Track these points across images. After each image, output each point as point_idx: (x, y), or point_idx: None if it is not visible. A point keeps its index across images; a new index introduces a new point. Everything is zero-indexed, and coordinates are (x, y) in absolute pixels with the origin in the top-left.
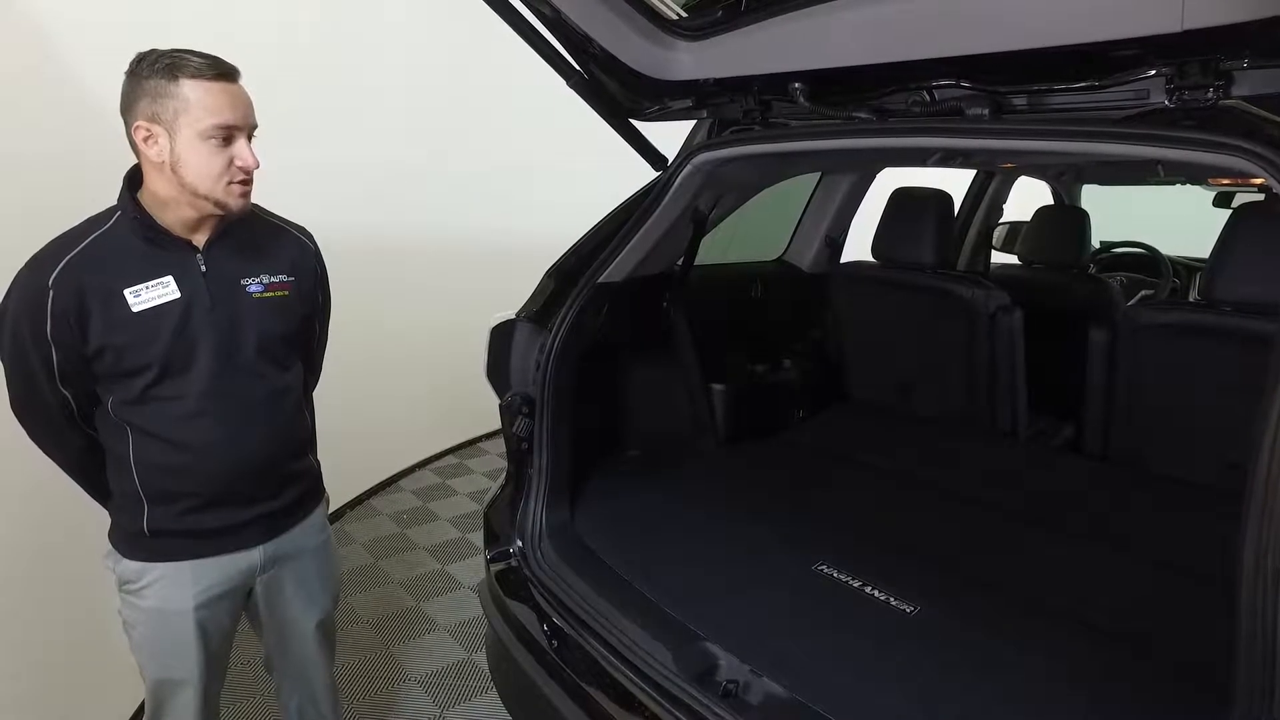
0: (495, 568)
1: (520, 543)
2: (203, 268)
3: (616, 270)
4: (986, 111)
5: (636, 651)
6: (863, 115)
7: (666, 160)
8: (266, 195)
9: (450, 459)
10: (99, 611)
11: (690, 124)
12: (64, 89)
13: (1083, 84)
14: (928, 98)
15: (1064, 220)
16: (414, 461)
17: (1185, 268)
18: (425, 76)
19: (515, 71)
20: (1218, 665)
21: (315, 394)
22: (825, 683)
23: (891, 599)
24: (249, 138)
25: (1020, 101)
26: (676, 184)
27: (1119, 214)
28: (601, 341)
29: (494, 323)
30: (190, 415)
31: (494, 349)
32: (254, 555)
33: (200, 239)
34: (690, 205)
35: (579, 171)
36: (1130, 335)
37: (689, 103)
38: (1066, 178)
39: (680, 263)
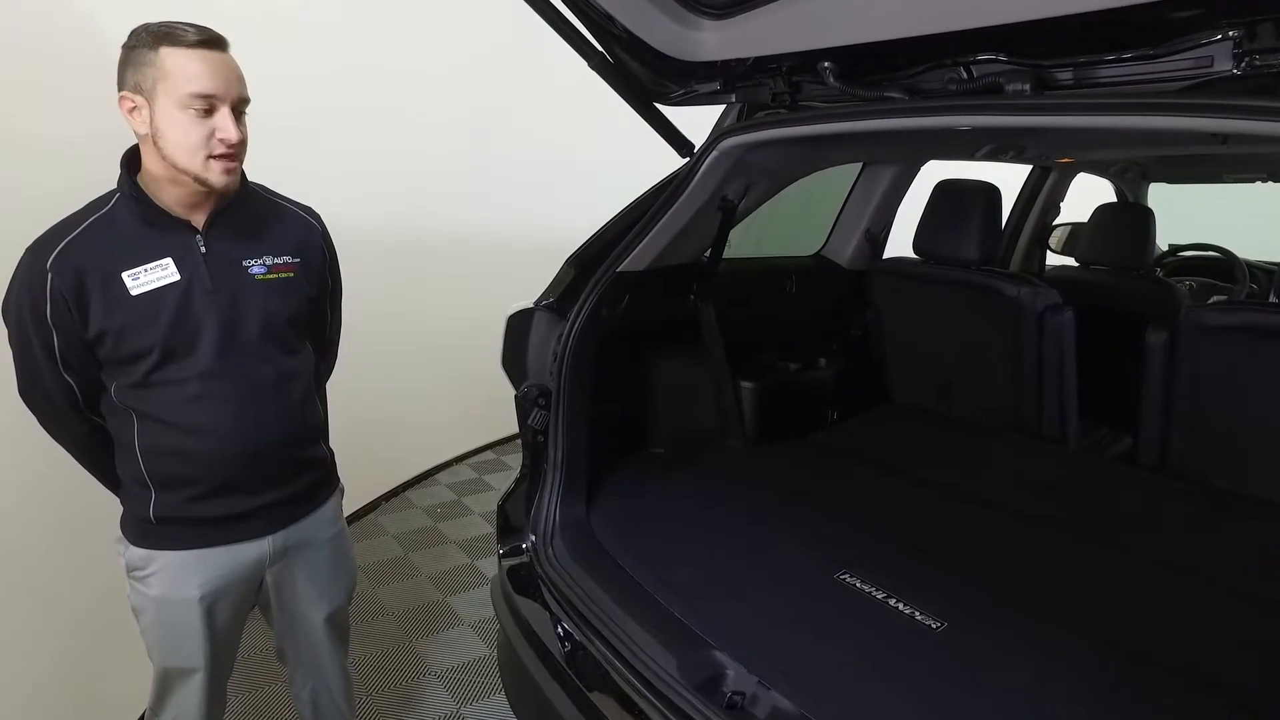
0: (507, 563)
1: (533, 538)
2: (202, 248)
3: (638, 259)
4: (1027, 87)
5: (640, 656)
6: (895, 95)
7: (693, 147)
8: (312, 192)
9: (488, 454)
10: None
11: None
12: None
13: (1136, 54)
14: (964, 75)
15: (1126, 219)
16: (452, 456)
17: (1264, 272)
18: (463, 71)
19: (553, 64)
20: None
21: (355, 385)
22: (836, 699)
23: (917, 613)
24: (236, 111)
25: (1065, 76)
26: (702, 170)
27: (1191, 216)
28: (624, 333)
29: (511, 311)
30: (193, 398)
31: (510, 338)
32: (263, 545)
33: (199, 219)
34: (717, 193)
35: (627, 165)
36: (1192, 338)
37: (716, 86)
38: (1130, 175)
39: (708, 254)
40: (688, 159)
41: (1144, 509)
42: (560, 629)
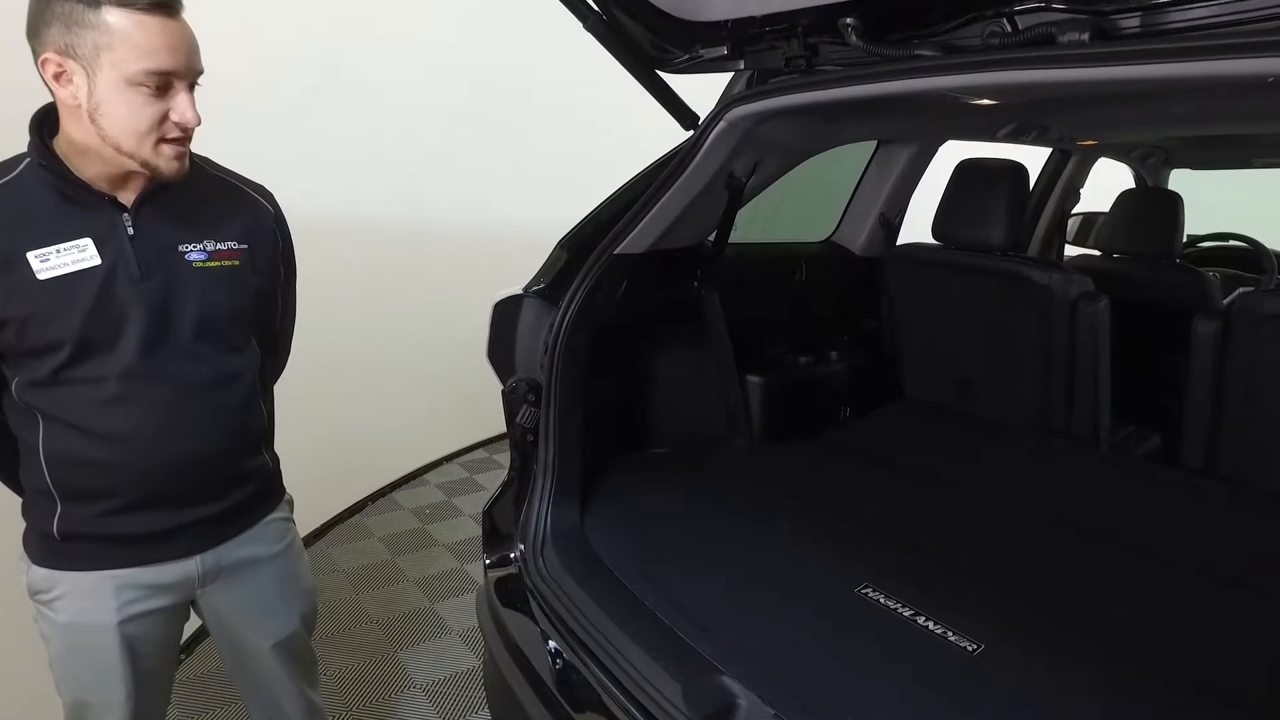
0: (494, 574)
1: (522, 547)
2: (130, 230)
3: (637, 240)
4: (1086, 36)
5: (639, 681)
6: (927, 53)
7: (698, 118)
8: (302, 182)
9: (480, 453)
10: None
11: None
12: None
13: None
14: (1008, 27)
15: (1154, 204)
16: (441, 455)
17: None
18: (456, 65)
19: (550, 58)
20: None
21: (341, 380)
22: None
23: (950, 633)
24: (191, 87)
25: (1130, 23)
26: (708, 143)
27: (1208, 205)
28: (621, 322)
29: (497, 299)
30: (111, 401)
31: (497, 328)
32: (189, 566)
33: (129, 196)
34: (724, 169)
35: (624, 158)
36: (1248, 327)
37: (723, 50)
38: (1153, 160)
39: (713, 236)
40: (692, 132)
41: (1195, 516)
42: (550, 647)
